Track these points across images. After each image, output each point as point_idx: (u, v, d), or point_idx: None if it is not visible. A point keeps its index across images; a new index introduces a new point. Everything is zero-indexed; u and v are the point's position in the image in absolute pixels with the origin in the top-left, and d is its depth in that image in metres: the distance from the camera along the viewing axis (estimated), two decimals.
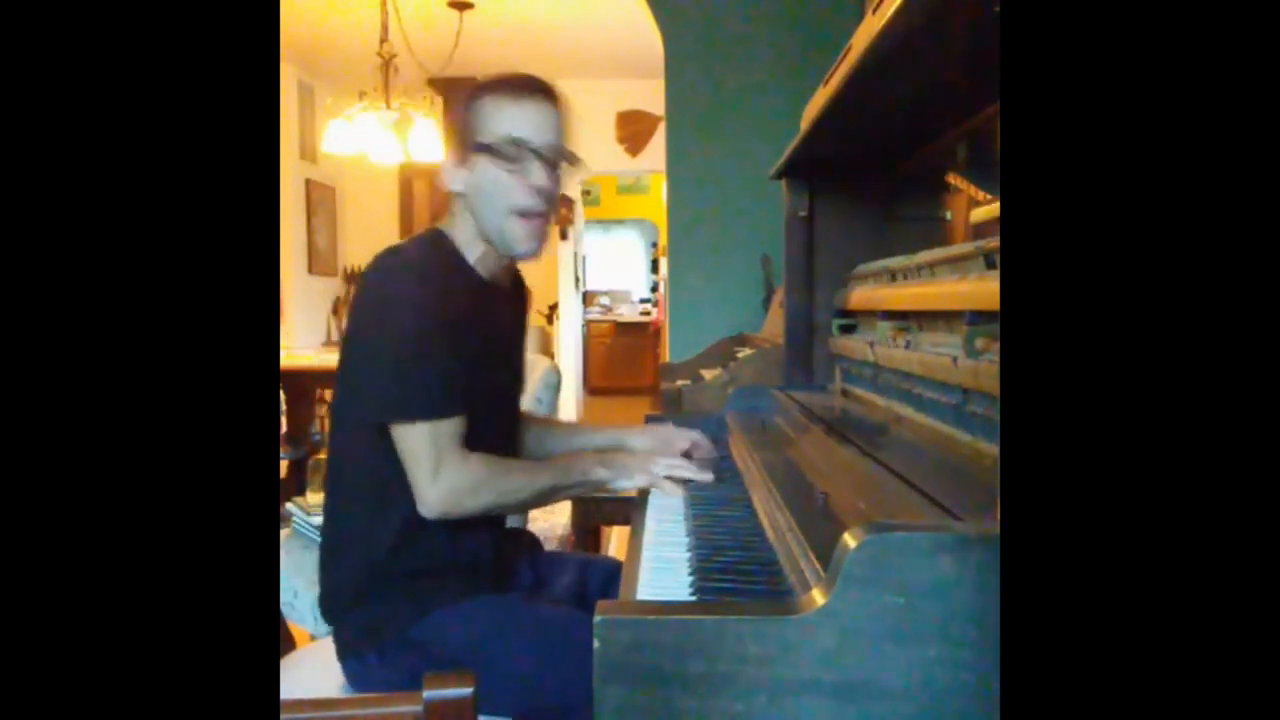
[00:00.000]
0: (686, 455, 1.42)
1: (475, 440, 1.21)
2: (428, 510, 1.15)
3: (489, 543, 1.28)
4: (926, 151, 1.52)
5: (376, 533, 1.21)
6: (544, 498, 1.30)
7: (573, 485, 1.32)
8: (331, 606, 1.25)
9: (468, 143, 1.24)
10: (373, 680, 1.20)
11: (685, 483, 1.31)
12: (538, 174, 1.24)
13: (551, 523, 2.41)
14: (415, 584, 1.21)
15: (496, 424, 1.32)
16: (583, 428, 1.67)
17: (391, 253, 1.21)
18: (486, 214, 1.24)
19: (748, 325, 3.18)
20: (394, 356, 1.16)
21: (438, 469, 1.15)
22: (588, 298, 9.07)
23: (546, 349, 7.47)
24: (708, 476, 1.31)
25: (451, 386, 1.17)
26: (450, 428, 1.16)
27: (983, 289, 0.96)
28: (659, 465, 1.32)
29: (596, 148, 6.85)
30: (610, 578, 1.41)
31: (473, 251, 1.27)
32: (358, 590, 1.22)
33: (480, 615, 1.19)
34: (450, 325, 1.17)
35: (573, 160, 1.30)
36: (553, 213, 1.29)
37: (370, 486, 1.21)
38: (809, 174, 1.72)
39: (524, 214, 1.24)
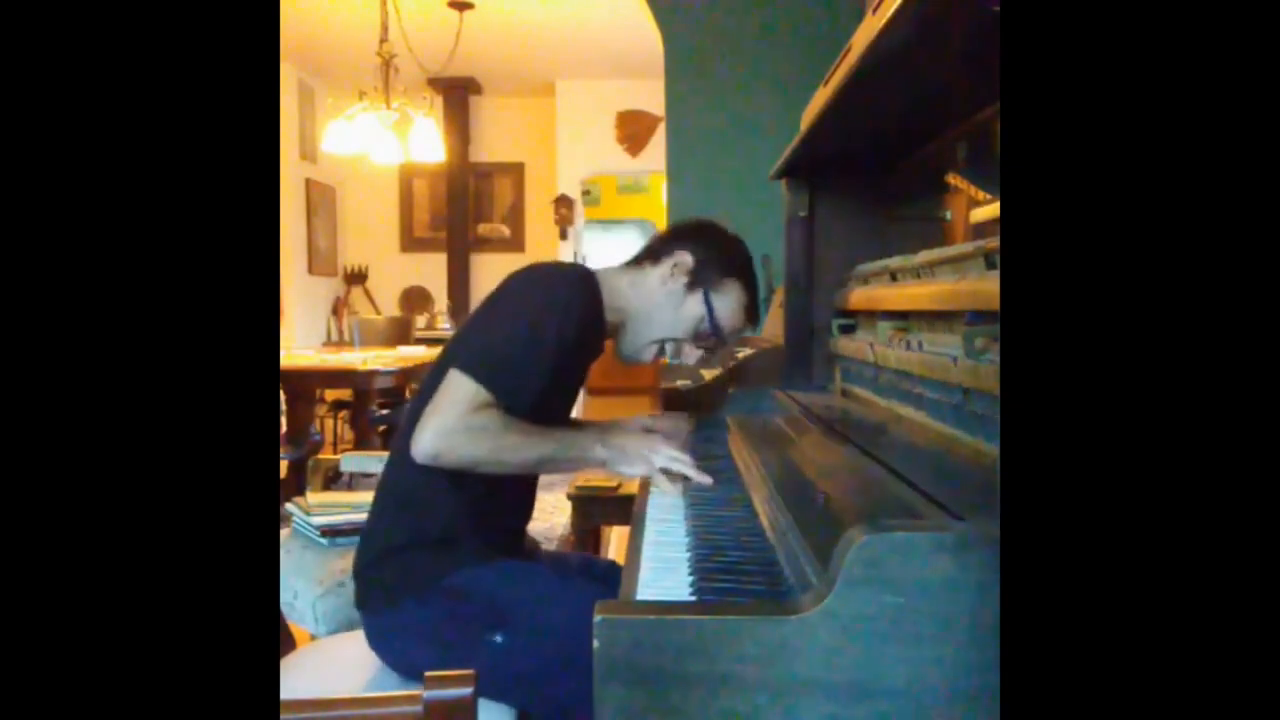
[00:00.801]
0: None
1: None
2: (420, 449, 1.18)
3: (524, 514, 1.38)
4: (926, 151, 1.52)
5: (432, 487, 1.26)
6: (538, 465, 1.30)
7: (570, 459, 1.31)
8: (370, 551, 1.30)
9: (702, 285, 1.39)
10: (393, 630, 1.25)
11: (684, 482, 1.30)
12: (694, 353, 1.43)
13: (551, 523, 2.41)
14: (457, 538, 1.26)
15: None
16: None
17: (560, 266, 1.35)
18: (651, 323, 1.40)
19: None
20: (501, 332, 1.25)
21: (456, 418, 1.18)
22: None
23: None
24: (706, 479, 1.30)
25: (524, 382, 1.22)
26: (492, 400, 1.20)
27: (983, 289, 0.96)
28: (659, 456, 1.31)
29: (596, 148, 6.85)
30: (608, 574, 1.42)
31: (609, 310, 1.38)
32: (402, 537, 1.27)
33: (513, 573, 1.25)
34: (563, 346, 1.25)
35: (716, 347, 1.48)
36: None
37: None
38: (809, 174, 1.72)
39: (659, 353, 1.42)
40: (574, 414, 1.56)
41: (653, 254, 1.42)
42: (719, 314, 1.40)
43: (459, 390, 1.19)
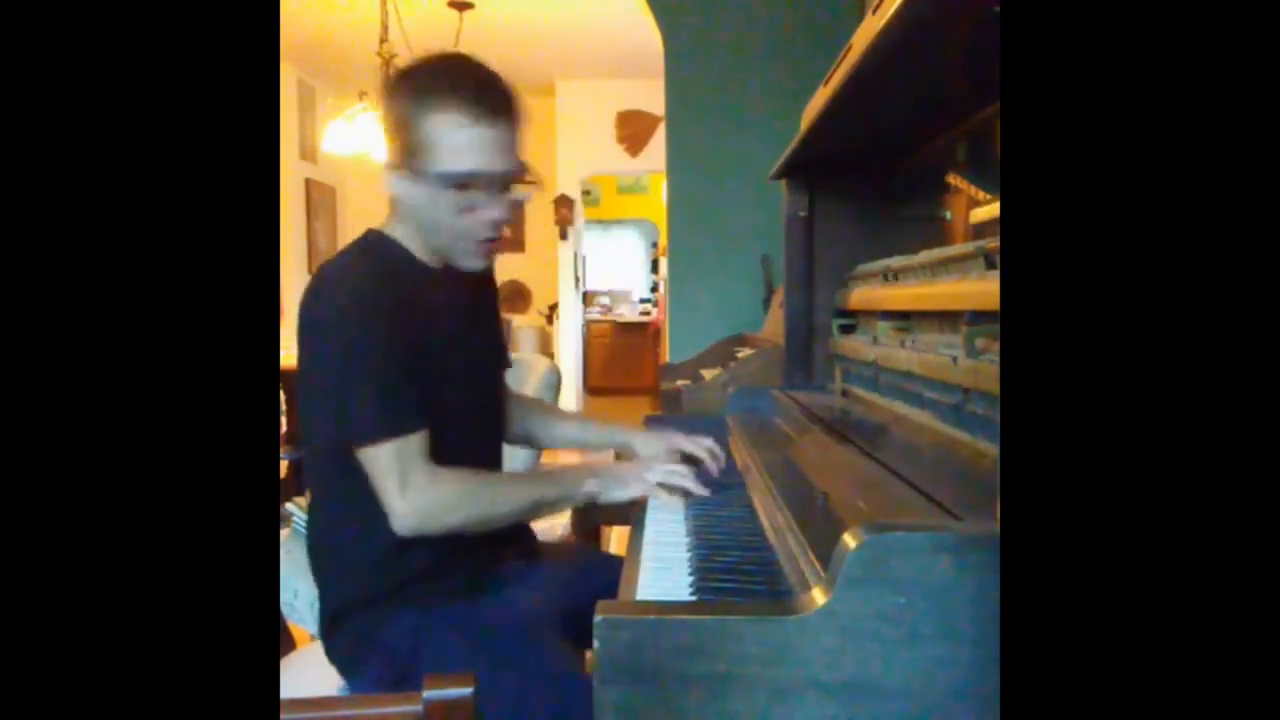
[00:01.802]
0: (691, 462, 1.36)
1: (454, 433, 1.18)
2: (399, 527, 1.12)
3: (471, 549, 1.23)
4: (926, 151, 1.52)
5: (362, 546, 1.19)
6: (528, 513, 1.26)
7: (560, 500, 1.26)
8: (324, 621, 1.24)
9: (416, 155, 1.14)
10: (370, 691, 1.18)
11: (683, 493, 1.27)
12: (495, 209, 1.18)
13: (551, 523, 2.41)
14: (404, 593, 1.18)
15: (477, 409, 1.30)
16: (588, 421, 1.67)
17: (325, 271, 1.17)
18: (435, 232, 1.20)
19: (748, 325, 3.18)
20: (343, 380, 1.11)
21: (405, 486, 1.10)
22: (588, 298, 9.08)
23: (546, 349, 7.47)
24: (704, 491, 1.26)
25: (408, 400, 1.12)
26: (414, 443, 1.11)
27: (983, 289, 0.96)
28: (654, 472, 1.27)
29: (596, 148, 6.86)
30: (611, 574, 1.39)
31: (420, 249, 1.23)
32: (353, 601, 1.20)
33: (465, 626, 1.16)
34: (400, 332, 1.12)
35: (530, 179, 1.23)
36: (504, 229, 1.23)
37: (350, 502, 1.17)
38: (809, 174, 1.72)
39: (471, 235, 1.20)
40: (573, 414, 1.53)
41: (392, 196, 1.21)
42: (452, 164, 1.13)
43: (385, 461, 1.10)
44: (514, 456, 1.78)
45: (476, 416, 1.32)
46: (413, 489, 1.11)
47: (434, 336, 1.20)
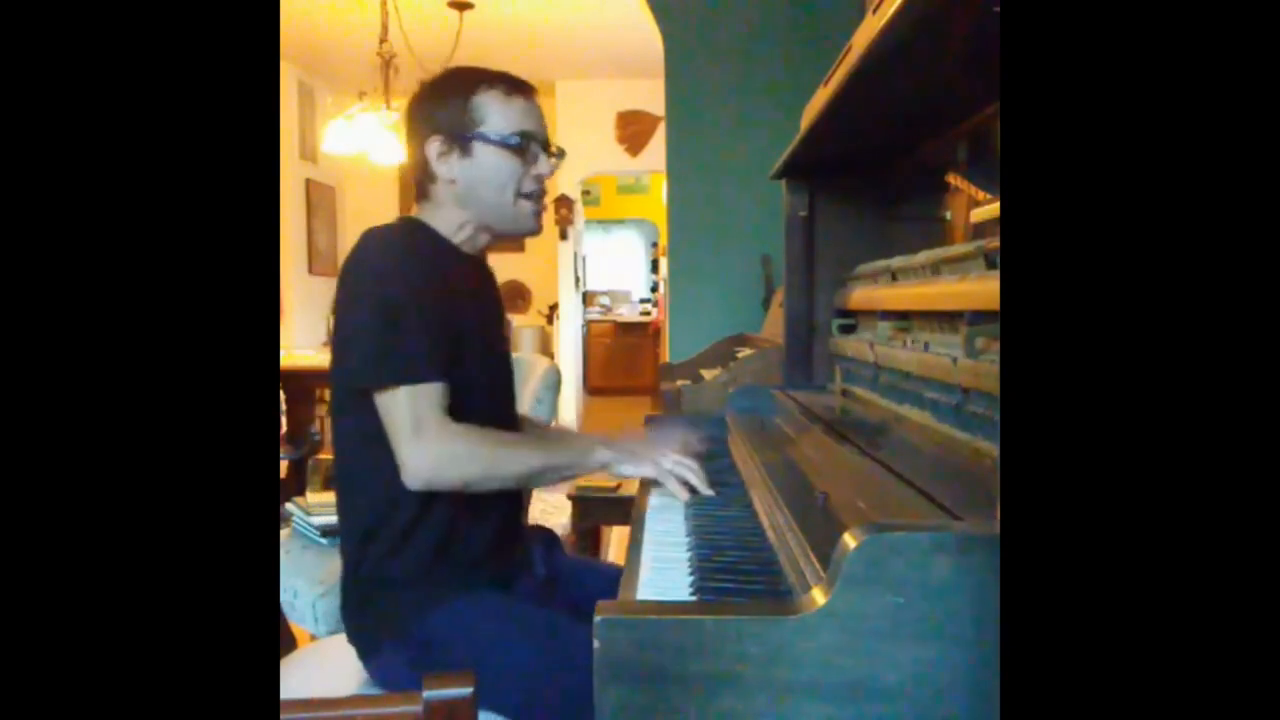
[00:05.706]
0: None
1: (471, 412, 1.21)
2: (409, 478, 1.14)
3: (493, 535, 1.28)
4: (926, 151, 1.52)
5: (384, 527, 1.21)
6: (538, 476, 1.27)
7: (572, 465, 1.28)
8: (348, 603, 1.27)
9: (465, 133, 1.28)
10: (385, 672, 1.20)
11: (690, 489, 1.26)
12: (545, 164, 1.33)
13: (550, 523, 2.41)
14: (421, 579, 1.21)
15: (492, 395, 1.33)
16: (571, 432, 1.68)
17: (370, 233, 1.24)
18: (489, 199, 1.30)
19: (748, 325, 3.18)
20: (371, 324, 1.17)
21: (418, 433, 1.13)
22: (588, 298, 9.08)
23: (546, 349, 7.47)
24: (709, 490, 1.26)
25: (432, 352, 1.16)
26: (430, 393, 1.15)
27: (983, 289, 0.96)
28: (668, 460, 1.28)
29: (596, 148, 6.85)
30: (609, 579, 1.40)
31: (457, 234, 1.32)
32: (371, 585, 1.23)
33: (485, 613, 1.19)
34: (433, 293, 1.19)
35: (562, 153, 1.38)
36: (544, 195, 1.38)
37: (373, 481, 1.21)
38: (809, 174, 1.72)
39: (529, 197, 1.32)
40: (574, 414, 1.54)
41: (420, 177, 1.31)
42: (504, 129, 1.28)
43: (400, 407, 1.14)
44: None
45: (494, 402, 1.35)
46: (424, 438, 1.14)
47: (464, 315, 1.27)
